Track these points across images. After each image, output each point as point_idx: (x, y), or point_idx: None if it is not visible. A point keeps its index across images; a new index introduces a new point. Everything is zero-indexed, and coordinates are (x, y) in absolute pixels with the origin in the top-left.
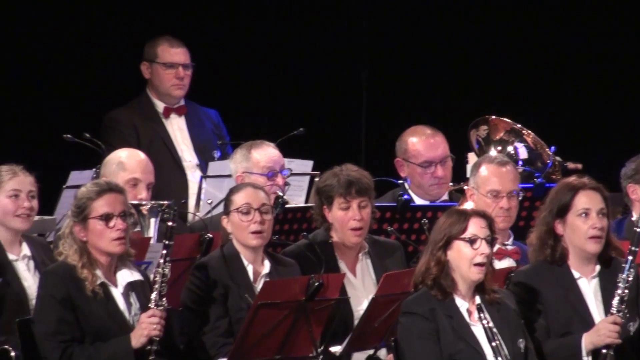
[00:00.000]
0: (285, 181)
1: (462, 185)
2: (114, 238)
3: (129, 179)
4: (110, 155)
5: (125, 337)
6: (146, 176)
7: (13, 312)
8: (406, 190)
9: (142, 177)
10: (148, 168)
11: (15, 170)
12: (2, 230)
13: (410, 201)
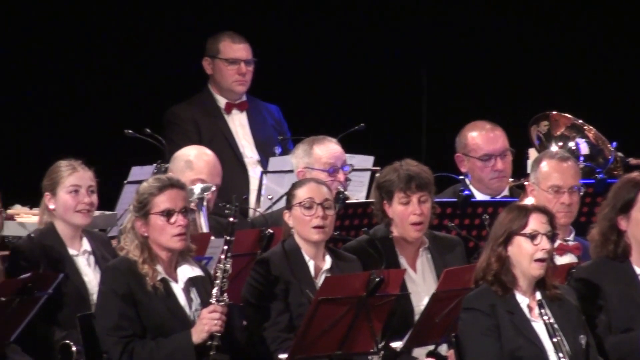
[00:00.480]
0: (347, 177)
1: (523, 181)
2: (175, 234)
3: (195, 179)
4: (180, 151)
5: (186, 333)
6: (212, 178)
7: (74, 308)
8: (467, 186)
9: (208, 178)
10: (215, 170)
11: (75, 165)
12: (62, 225)
13: (471, 197)
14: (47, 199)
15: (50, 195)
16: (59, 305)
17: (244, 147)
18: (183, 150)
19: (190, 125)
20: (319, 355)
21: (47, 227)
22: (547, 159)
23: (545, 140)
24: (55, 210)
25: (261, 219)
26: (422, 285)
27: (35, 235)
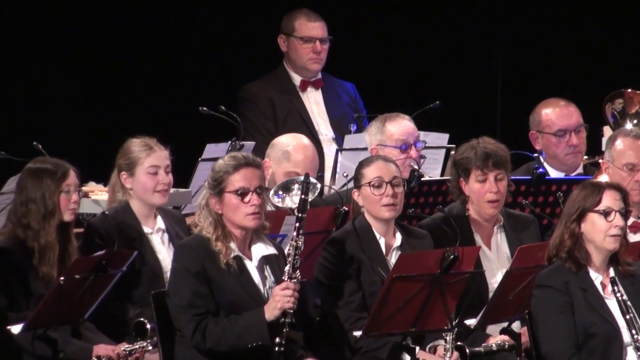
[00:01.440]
0: (421, 154)
1: (597, 158)
2: (249, 213)
3: (291, 171)
4: (280, 139)
5: (259, 310)
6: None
7: (148, 285)
8: (541, 164)
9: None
10: (313, 165)
11: (151, 144)
12: (138, 203)
13: (545, 174)
14: (124, 178)
15: (127, 175)
16: (133, 282)
17: (319, 124)
18: (283, 139)
19: (265, 103)
20: (392, 332)
21: (122, 204)
22: (621, 137)
23: (619, 117)
24: (133, 190)
25: (336, 197)
26: (496, 263)
27: (109, 213)
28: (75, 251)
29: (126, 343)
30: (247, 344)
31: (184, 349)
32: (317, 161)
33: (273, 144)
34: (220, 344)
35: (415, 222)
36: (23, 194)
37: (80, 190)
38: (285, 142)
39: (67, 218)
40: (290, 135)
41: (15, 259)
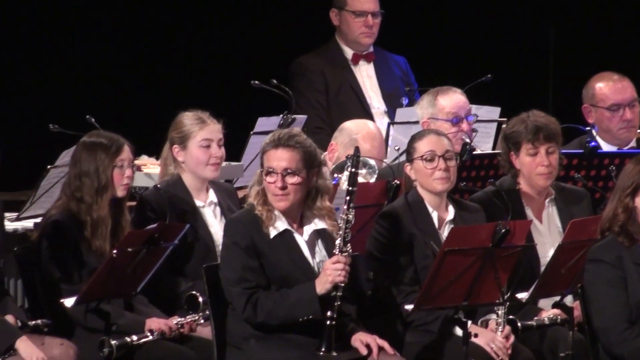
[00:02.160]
0: (472, 127)
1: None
2: (273, 194)
3: None
4: (349, 124)
5: (310, 284)
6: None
7: (200, 258)
8: (593, 137)
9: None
10: (380, 155)
11: (204, 118)
12: (190, 177)
13: (598, 148)
14: (176, 151)
15: (179, 148)
16: (185, 256)
17: (371, 98)
18: (352, 126)
19: (317, 76)
20: (444, 306)
21: (174, 178)
22: None
23: None
24: (185, 163)
25: (388, 170)
26: (548, 237)
27: (161, 186)
28: (128, 225)
29: (178, 316)
30: (298, 318)
31: (235, 322)
32: (383, 150)
33: (342, 128)
34: (271, 317)
35: (466, 195)
36: (77, 167)
37: (134, 165)
38: (354, 129)
39: (120, 193)
40: (360, 122)
41: (68, 232)
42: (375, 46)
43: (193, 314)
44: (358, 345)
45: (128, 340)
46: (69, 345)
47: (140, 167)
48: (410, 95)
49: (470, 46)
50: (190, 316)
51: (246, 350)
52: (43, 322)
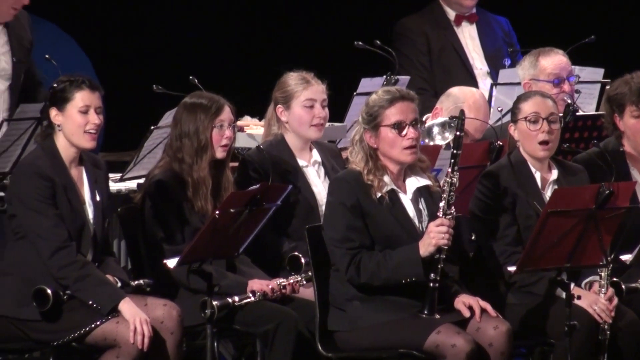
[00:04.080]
0: (576, 89)
1: None
2: (406, 147)
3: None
4: (454, 90)
5: (414, 246)
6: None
7: (303, 219)
8: None
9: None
10: (483, 125)
11: (308, 78)
12: (293, 137)
13: None
14: (280, 111)
15: (282, 108)
16: (288, 216)
17: (474, 59)
18: (459, 92)
19: (419, 38)
20: (547, 267)
21: (277, 138)
22: None
23: None
24: (289, 123)
25: (490, 131)
26: None
27: (264, 147)
28: (230, 185)
29: (281, 278)
30: (402, 279)
31: (338, 283)
32: (488, 116)
33: (449, 93)
34: (374, 278)
35: (570, 157)
36: (178, 128)
37: (235, 126)
38: (460, 96)
39: (219, 154)
40: (467, 89)
41: (171, 192)
42: (478, 7)
43: (295, 275)
44: (461, 307)
45: (230, 301)
46: (172, 305)
47: (242, 128)
48: (512, 56)
49: (574, 6)
50: (293, 277)
51: (349, 312)
52: (145, 282)
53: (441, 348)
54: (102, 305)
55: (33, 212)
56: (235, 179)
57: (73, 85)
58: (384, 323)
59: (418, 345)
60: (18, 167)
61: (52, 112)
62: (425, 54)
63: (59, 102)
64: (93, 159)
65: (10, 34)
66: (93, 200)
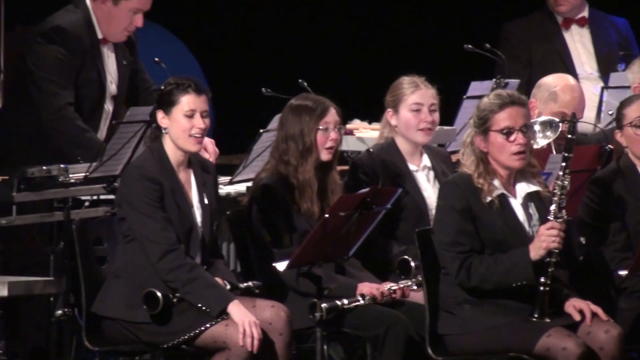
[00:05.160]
0: None
1: None
2: (514, 152)
3: (557, 112)
4: (546, 80)
5: (524, 250)
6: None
7: (412, 222)
8: None
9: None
10: (580, 106)
11: (417, 82)
12: (403, 141)
13: None
14: (389, 115)
15: (392, 112)
16: (398, 219)
17: (583, 63)
18: (549, 80)
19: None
20: None
21: (387, 142)
22: None
23: None
24: (397, 127)
25: (601, 135)
26: None
27: (374, 150)
28: (337, 187)
29: (390, 282)
30: (512, 283)
31: (448, 286)
32: (584, 102)
33: (539, 84)
34: (484, 282)
35: None
36: (284, 130)
37: (341, 128)
38: (552, 82)
39: (324, 157)
40: (557, 75)
41: (278, 196)
42: (592, 8)
43: (405, 280)
44: (571, 311)
45: (339, 303)
46: (280, 307)
47: (352, 131)
48: (627, 60)
49: None
50: (403, 282)
51: (459, 315)
52: (254, 284)
53: (552, 351)
54: (211, 307)
55: (142, 215)
56: (346, 182)
57: (179, 89)
58: (494, 326)
59: (529, 348)
60: (127, 170)
61: (159, 115)
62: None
63: (165, 105)
64: (202, 162)
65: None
66: (201, 203)
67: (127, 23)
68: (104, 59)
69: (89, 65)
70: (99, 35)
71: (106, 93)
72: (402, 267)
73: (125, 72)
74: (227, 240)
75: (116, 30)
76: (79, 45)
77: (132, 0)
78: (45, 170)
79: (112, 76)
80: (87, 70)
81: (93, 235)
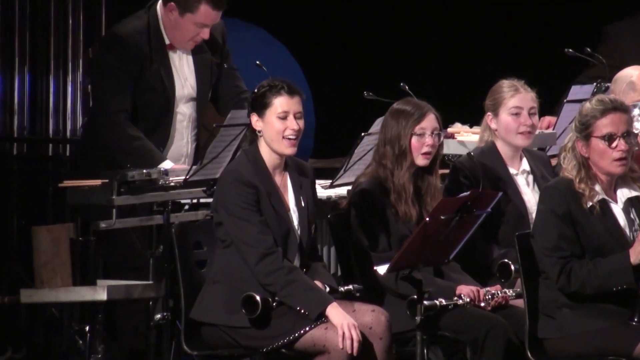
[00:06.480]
0: None
1: None
2: (616, 158)
3: (639, 100)
4: (622, 72)
5: (624, 254)
6: None
7: (513, 226)
8: None
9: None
10: None
11: (517, 86)
12: (503, 145)
13: None
14: (489, 119)
15: (492, 116)
16: (498, 223)
17: None
18: (625, 71)
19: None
20: None
21: (488, 145)
22: None
23: None
24: (497, 131)
25: None
26: None
27: (475, 154)
28: (436, 192)
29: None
30: (612, 287)
31: (547, 290)
32: None
33: (616, 78)
34: (585, 286)
35: None
36: (383, 134)
37: (441, 133)
38: (628, 73)
39: (420, 162)
40: (633, 66)
41: (375, 200)
42: None
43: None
44: None
45: (437, 303)
46: (380, 311)
47: (453, 135)
48: None
49: None
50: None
51: (559, 319)
52: (355, 288)
53: None
54: (310, 310)
55: (238, 220)
56: (446, 185)
57: (272, 91)
58: (594, 330)
59: (628, 352)
60: (222, 174)
61: (252, 118)
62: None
63: (258, 108)
64: (299, 165)
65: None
66: (298, 206)
67: (193, 35)
68: (174, 62)
69: (150, 71)
70: (167, 41)
71: (175, 97)
72: (502, 271)
73: (206, 75)
74: (327, 243)
75: (181, 39)
76: (135, 52)
77: (198, 15)
78: (146, 174)
79: (186, 80)
80: (149, 75)
81: (192, 239)
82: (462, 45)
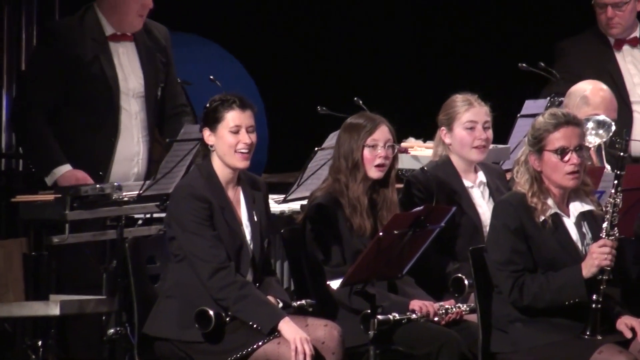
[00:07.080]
0: None
1: None
2: (568, 172)
3: (591, 114)
4: (576, 87)
5: (576, 267)
6: (608, 113)
7: (468, 239)
8: None
9: (605, 114)
10: (612, 105)
11: (471, 100)
12: (457, 159)
13: None
14: (443, 133)
15: (446, 130)
16: (453, 237)
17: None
18: (578, 86)
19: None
20: None
21: (442, 159)
22: None
23: None
24: (452, 145)
25: None
26: None
27: (429, 168)
28: (392, 205)
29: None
30: (564, 301)
31: (500, 305)
32: (615, 102)
33: (569, 93)
34: (537, 300)
35: None
36: (337, 148)
37: (393, 146)
38: (581, 87)
39: (373, 174)
40: (586, 81)
41: (330, 215)
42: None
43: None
44: (623, 328)
45: (390, 317)
46: (333, 326)
47: (407, 149)
48: None
49: None
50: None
51: (512, 334)
52: (308, 302)
53: None
54: (262, 325)
55: (191, 234)
56: (400, 199)
57: (224, 105)
58: (546, 344)
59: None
60: (175, 189)
61: (205, 132)
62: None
63: (211, 122)
64: (252, 180)
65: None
66: (251, 220)
67: (137, 7)
68: (117, 53)
69: (88, 59)
70: (107, 32)
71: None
72: (456, 285)
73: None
74: (280, 258)
75: (127, 17)
76: (65, 44)
77: None
78: (99, 189)
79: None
80: (86, 64)
81: (146, 254)
82: (416, 60)
